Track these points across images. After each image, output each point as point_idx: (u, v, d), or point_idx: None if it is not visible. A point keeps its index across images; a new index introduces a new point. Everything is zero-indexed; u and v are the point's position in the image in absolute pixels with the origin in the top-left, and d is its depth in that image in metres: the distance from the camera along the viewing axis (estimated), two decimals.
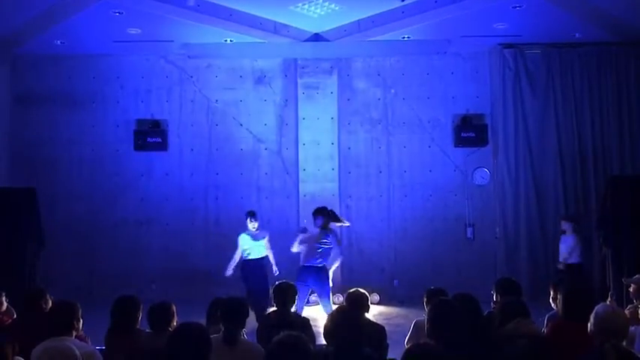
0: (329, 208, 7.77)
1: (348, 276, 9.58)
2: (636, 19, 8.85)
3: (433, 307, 3.67)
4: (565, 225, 8.45)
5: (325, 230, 7.53)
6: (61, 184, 10.15)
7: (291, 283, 5.06)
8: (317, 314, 7.63)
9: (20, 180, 9.53)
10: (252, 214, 8.16)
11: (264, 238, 8.13)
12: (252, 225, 8.07)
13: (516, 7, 8.40)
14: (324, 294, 7.44)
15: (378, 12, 9.07)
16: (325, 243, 7.44)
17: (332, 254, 7.54)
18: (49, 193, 9.58)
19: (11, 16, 8.45)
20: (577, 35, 9.54)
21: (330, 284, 7.53)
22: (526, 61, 9.96)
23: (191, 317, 3.38)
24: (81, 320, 4.04)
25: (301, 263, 7.56)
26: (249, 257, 8.04)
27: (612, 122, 9.82)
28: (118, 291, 5.15)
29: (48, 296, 4.90)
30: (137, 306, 4.44)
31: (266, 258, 8.15)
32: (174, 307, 4.40)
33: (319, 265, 7.40)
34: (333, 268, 7.65)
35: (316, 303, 8.06)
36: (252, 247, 8.04)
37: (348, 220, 10.07)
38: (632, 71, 9.87)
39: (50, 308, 4.46)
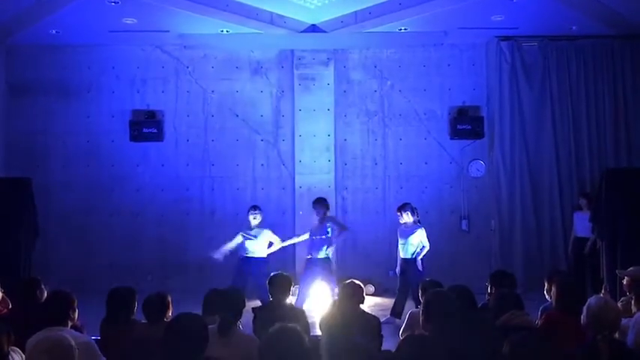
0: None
1: (343, 267, 9.59)
2: (633, 12, 8.85)
3: (428, 299, 3.69)
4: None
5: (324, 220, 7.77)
6: (56, 175, 10.12)
7: (287, 274, 5.07)
8: (311, 305, 7.65)
9: (15, 170, 9.50)
10: (254, 208, 8.10)
11: (257, 236, 7.96)
12: (253, 218, 7.99)
13: None
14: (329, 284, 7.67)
15: (374, 3, 9.03)
16: (326, 233, 7.72)
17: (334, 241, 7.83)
18: (44, 183, 9.54)
19: (6, 5, 8.39)
20: (574, 28, 9.54)
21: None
22: (523, 53, 9.94)
23: (187, 308, 3.38)
24: (76, 310, 4.04)
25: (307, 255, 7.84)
26: (247, 255, 7.99)
27: (608, 115, 9.84)
28: (113, 281, 5.17)
29: (43, 286, 4.90)
30: (133, 296, 4.45)
31: (263, 259, 7.98)
32: (169, 298, 4.42)
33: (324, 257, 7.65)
34: (330, 254, 7.86)
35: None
36: (248, 245, 7.99)
37: (344, 212, 10.18)
38: (628, 64, 9.88)
39: (46, 298, 4.46)
